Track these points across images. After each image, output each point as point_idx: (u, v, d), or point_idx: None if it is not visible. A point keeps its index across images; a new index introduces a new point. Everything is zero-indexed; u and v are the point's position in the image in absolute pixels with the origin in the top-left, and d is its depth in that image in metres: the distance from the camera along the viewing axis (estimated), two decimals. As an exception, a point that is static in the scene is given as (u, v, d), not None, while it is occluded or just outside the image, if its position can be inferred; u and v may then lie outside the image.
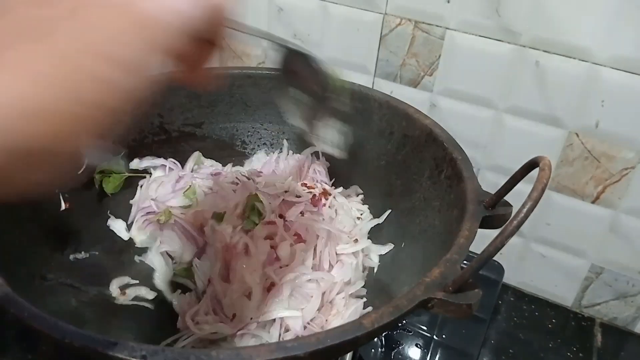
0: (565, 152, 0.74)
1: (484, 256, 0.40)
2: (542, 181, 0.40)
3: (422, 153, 0.63)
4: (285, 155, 0.78)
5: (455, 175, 0.56)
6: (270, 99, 0.76)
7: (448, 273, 0.43)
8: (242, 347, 0.38)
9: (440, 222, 0.57)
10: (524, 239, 0.83)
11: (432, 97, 0.80)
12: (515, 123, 0.75)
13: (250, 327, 0.54)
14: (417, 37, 0.77)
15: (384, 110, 0.69)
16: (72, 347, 0.38)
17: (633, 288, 0.78)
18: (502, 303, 0.83)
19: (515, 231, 0.39)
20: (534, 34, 0.69)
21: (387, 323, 0.40)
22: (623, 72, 0.66)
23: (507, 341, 0.77)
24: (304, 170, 0.74)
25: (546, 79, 0.71)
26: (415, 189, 0.63)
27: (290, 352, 0.37)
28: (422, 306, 0.42)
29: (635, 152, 0.69)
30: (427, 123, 0.63)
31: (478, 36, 0.73)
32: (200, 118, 0.77)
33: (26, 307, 0.40)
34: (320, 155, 0.76)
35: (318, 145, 0.73)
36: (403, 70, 0.81)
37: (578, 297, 0.82)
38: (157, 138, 0.74)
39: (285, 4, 0.85)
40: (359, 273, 0.63)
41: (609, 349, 0.77)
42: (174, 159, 0.74)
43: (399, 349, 0.71)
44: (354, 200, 0.72)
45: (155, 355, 0.36)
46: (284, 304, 0.56)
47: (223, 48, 0.39)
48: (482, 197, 0.51)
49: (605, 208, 0.74)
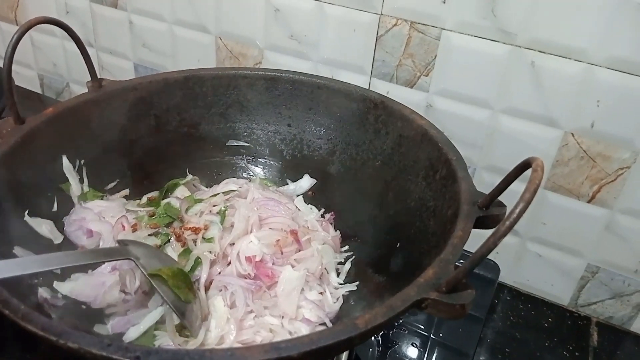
0: (561, 152, 0.74)
1: (477, 257, 0.40)
2: (534, 182, 0.40)
3: (417, 153, 0.63)
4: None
5: (450, 175, 0.56)
6: (266, 100, 0.77)
7: (442, 273, 0.43)
8: (236, 348, 0.38)
9: (434, 222, 0.57)
10: (520, 239, 0.83)
11: (428, 98, 0.80)
12: (511, 123, 0.75)
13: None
14: (413, 37, 0.77)
15: (379, 110, 0.69)
16: (67, 348, 0.38)
17: (629, 287, 0.78)
18: (498, 302, 0.83)
19: (507, 232, 0.39)
20: (530, 34, 0.69)
21: (380, 323, 0.40)
22: (618, 72, 0.66)
23: (504, 340, 0.77)
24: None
25: (542, 80, 0.71)
26: (410, 190, 0.64)
27: (283, 353, 0.37)
28: (416, 306, 0.42)
29: (631, 152, 0.69)
30: (422, 124, 0.63)
31: (474, 37, 0.73)
32: (196, 119, 0.77)
33: (20, 309, 0.41)
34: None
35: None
36: (399, 71, 0.81)
37: (574, 297, 0.83)
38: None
39: (281, 5, 0.85)
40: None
41: (605, 348, 0.77)
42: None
43: (396, 347, 0.71)
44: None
45: (149, 356, 0.36)
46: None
47: None
48: (476, 198, 0.52)
49: (601, 208, 0.75)
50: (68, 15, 1.10)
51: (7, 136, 0.60)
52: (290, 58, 0.89)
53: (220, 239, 0.64)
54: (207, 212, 0.68)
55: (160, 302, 0.59)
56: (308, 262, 0.64)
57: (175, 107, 0.75)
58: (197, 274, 0.61)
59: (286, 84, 0.75)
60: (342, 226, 0.73)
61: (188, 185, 0.75)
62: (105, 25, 1.07)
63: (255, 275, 0.61)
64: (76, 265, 0.56)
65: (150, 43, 1.03)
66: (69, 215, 0.66)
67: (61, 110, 0.65)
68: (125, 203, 0.71)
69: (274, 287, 0.61)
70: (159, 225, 0.66)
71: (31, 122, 0.62)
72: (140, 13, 1.00)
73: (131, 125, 0.73)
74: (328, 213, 0.74)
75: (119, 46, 1.07)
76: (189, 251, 0.63)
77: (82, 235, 0.65)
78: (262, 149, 0.80)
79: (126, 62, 1.09)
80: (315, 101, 0.74)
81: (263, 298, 0.61)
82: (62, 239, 0.64)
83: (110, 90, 0.70)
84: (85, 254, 0.60)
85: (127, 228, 0.65)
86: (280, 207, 0.69)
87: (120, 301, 0.59)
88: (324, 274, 0.66)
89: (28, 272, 0.49)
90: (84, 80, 0.70)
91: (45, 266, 0.50)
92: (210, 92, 0.76)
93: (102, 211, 0.67)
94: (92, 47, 1.11)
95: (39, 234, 0.61)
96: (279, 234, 0.65)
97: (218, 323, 0.57)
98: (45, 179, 0.64)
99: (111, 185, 0.72)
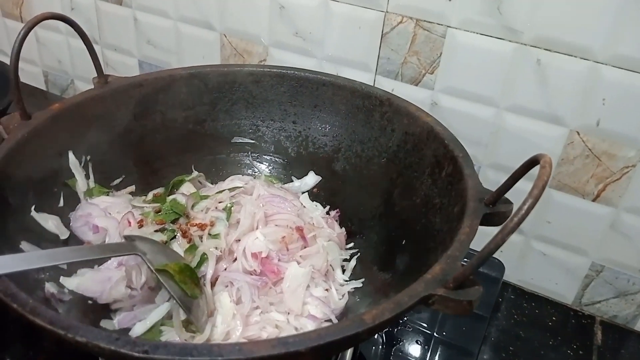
0: (566, 151, 0.74)
1: (485, 253, 0.40)
2: (542, 178, 0.40)
3: (423, 151, 0.63)
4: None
5: (456, 172, 0.56)
6: (271, 97, 0.77)
7: (449, 269, 0.43)
8: (244, 342, 0.38)
9: (441, 219, 0.57)
10: (524, 237, 0.83)
11: (433, 95, 0.80)
12: (517, 121, 0.75)
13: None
14: (418, 35, 0.77)
15: (385, 107, 0.69)
16: (74, 342, 0.38)
17: (633, 286, 0.78)
18: (502, 301, 0.83)
19: (515, 228, 0.39)
20: (536, 32, 0.69)
21: (388, 319, 0.40)
22: (624, 70, 0.66)
23: (508, 339, 0.77)
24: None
25: (547, 78, 0.71)
26: (416, 187, 0.64)
27: (291, 348, 0.37)
28: (423, 302, 0.42)
29: (636, 150, 0.69)
30: (428, 121, 0.63)
31: (479, 34, 0.73)
32: (201, 115, 0.77)
33: (29, 303, 0.41)
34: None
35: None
36: (404, 68, 0.81)
37: (578, 295, 0.82)
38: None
39: (287, 2, 0.85)
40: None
41: (609, 347, 0.77)
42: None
43: (399, 345, 0.71)
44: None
45: (157, 350, 0.36)
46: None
47: None
48: (482, 195, 0.52)
49: (606, 206, 0.75)
50: (73, 12, 1.10)
51: (14, 131, 0.60)
52: (295, 55, 0.89)
53: (226, 235, 0.64)
54: (213, 209, 0.68)
55: (166, 297, 0.59)
56: (314, 258, 0.64)
57: (180, 104, 0.75)
58: (203, 270, 0.61)
59: (291, 80, 0.75)
60: (348, 223, 0.73)
61: (193, 182, 0.75)
62: (110, 22, 1.07)
63: (261, 271, 0.62)
64: (83, 260, 0.56)
65: (155, 40, 1.03)
66: (75, 211, 0.66)
67: (67, 106, 0.65)
68: (131, 199, 0.71)
69: (279, 284, 0.61)
70: (165, 222, 0.66)
71: (38, 118, 0.62)
72: (145, 10, 1.00)
73: (137, 121, 0.73)
74: (333, 210, 0.74)
75: (124, 43, 1.08)
76: (195, 247, 0.63)
77: (88, 231, 0.65)
78: (268, 146, 0.80)
79: (131, 59, 1.09)
80: (321, 98, 0.74)
81: (269, 294, 0.61)
82: (69, 234, 0.64)
83: (116, 87, 0.71)
84: (92, 249, 0.60)
85: (133, 224, 0.65)
86: (286, 204, 0.69)
87: (126, 297, 0.59)
88: (329, 270, 0.66)
89: (35, 267, 0.49)
90: (89, 77, 0.70)
91: (51, 261, 0.51)
92: (216, 89, 0.76)
93: (108, 207, 0.67)
94: (97, 43, 1.11)
95: (46, 230, 0.61)
96: (285, 230, 0.65)
97: (224, 319, 0.57)
98: (51, 174, 0.64)
99: (117, 182, 0.72)
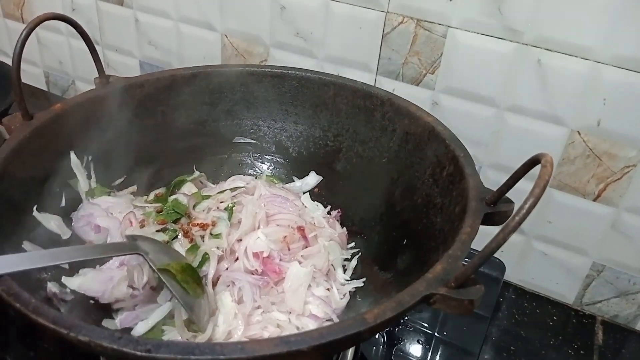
0: (566, 150, 0.74)
1: (486, 252, 0.40)
2: (543, 178, 0.40)
3: (424, 150, 0.63)
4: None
5: (458, 172, 0.56)
6: (272, 97, 0.77)
7: (450, 269, 0.43)
8: (246, 341, 0.38)
9: (442, 219, 0.57)
10: (525, 237, 0.83)
11: (434, 95, 0.80)
12: (517, 121, 0.76)
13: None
14: (419, 35, 0.77)
15: (386, 107, 0.69)
16: (77, 341, 0.38)
17: (634, 286, 0.78)
18: (503, 300, 0.83)
19: (517, 227, 0.39)
20: (536, 32, 0.69)
21: (389, 318, 0.40)
22: (625, 70, 0.66)
23: (508, 338, 0.77)
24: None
25: (548, 78, 0.71)
26: (417, 186, 0.64)
27: (293, 347, 0.37)
28: (425, 301, 0.42)
29: (637, 150, 0.69)
30: (429, 120, 0.64)
31: (480, 34, 0.73)
32: (203, 116, 0.77)
33: (31, 302, 0.41)
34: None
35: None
36: (405, 69, 0.81)
37: (579, 295, 0.83)
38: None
39: (288, 2, 0.85)
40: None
41: (610, 347, 0.77)
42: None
43: (400, 345, 0.71)
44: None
45: (160, 349, 0.36)
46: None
47: None
48: (484, 194, 0.52)
49: (607, 206, 0.75)
50: (74, 13, 1.10)
51: (16, 132, 0.60)
52: (296, 56, 0.89)
53: (227, 235, 0.64)
54: (215, 209, 0.68)
55: (168, 297, 0.59)
56: (315, 258, 0.64)
57: (182, 104, 0.75)
58: (204, 269, 0.61)
59: (293, 81, 0.75)
60: (349, 223, 0.73)
61: (195, 182, 0.75)
62: (111, 23, 1.07)
63: (263, 271, 0.62)
64: (85, 259, 0.56)
65: (156, 40, 1.03)
66: (77, 211, 0.66)
67: (69, 107, 0.66)
68: (132, 199, 0.72)
69: (281, 283, 0.61)
70: (166, 222, 0.66)
71: (39, 118, 0.62)
72: (146, 10, 1.01)
73: (138, 121, 0.73)
74: (334, 210, 0.74)
75: (125, 43, 1.08)
76: (197, 247, 0.63)
77: (90, 231, 0.65)
78: (269, 146, 0.80)
79: (132, 60, 1.09)
80: (322, 98, 0.74)
81: (270, 294, 0.61)
82: (70, 234, 0.64)
83: (117, 87, 0.71)
84: (94, 249, 0.60)
85: (134, 224, 0.65)
86: (287, 204, 0.69)
87: (128, 296, 0.59)
88: (330, 270, 0.66)
89: (37, 267, 0.50)
90: (90, 77, 0.70)
91: (53, 260, 0.51)
92: (217, 89, 0.76)
93: (110, 207, 0.67)
94: (98, 44, 1.11)
95: (48, 229, 0.61)
96: (286, 230, 0.66)
97: (226, 318, 0.57)
98: (53, 174, 0.64)
99: (119, 182, 0.73)
